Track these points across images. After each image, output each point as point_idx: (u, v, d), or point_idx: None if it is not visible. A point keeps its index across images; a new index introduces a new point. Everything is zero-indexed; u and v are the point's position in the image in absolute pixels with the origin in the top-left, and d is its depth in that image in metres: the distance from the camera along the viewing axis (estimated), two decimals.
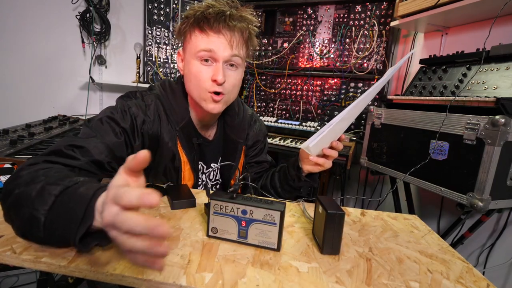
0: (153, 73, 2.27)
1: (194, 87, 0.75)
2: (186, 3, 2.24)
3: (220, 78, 0.71)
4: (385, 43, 1.87)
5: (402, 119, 1.24)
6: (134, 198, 0.32)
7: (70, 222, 0.40)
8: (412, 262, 0.54)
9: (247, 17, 0.75)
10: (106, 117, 0.69)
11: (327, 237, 0.53)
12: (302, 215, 0.71)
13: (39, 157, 0.57)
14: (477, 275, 0.52)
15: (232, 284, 0.42)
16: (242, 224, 0.53)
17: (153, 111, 0.78)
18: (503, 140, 0.89)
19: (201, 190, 0.82)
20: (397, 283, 0.47)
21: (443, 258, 0.57)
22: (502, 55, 1.08)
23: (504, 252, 1.29)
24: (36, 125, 1.56)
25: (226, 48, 0.72)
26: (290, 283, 0.44)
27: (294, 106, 2.19)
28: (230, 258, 0.49)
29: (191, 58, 0.74)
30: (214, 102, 0.75)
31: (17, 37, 1.99)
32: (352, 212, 0.77)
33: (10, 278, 1.67)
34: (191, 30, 0.73)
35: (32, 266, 0.44)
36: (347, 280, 0.47)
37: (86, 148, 0.61)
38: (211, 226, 0.55)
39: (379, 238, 0.63)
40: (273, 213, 0.51)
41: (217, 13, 0.70)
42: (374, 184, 2.04)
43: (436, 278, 0.50)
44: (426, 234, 0.68)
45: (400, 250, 0.59)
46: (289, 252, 0.53)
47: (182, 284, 0.41)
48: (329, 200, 0.56)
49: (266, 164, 1.03)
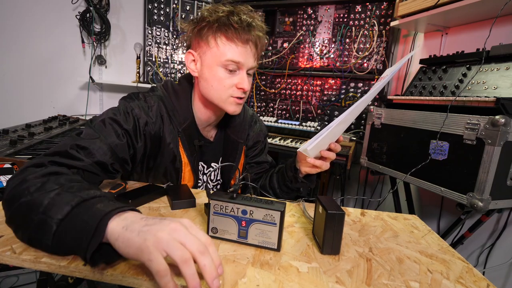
0: (153, 73, 2.27)
1: (216, 91, 0.77)
2: (186, 3, 2.24)
3: (246, 86, 0.75)
4: (385, 43, 1.87)
5: (402, 119, 1.24)
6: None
7: (82, 235, 0.41)
8: (412, 262, 0.54)
9: (263, 26, 0.78)
10: (108, 119, 0.69)
11: (327, 237, 0.53)
12: (302, 215, 0.71)
13: (43, 157, 0.57)
14: (477, 275, 0.52)
15: (232, 284, 0.42)
16: (242, 224, 0.53)
17: (155, 112, 0.78)
18: (503, 140, 0.89)
19: (201, 190, 0.83)
20: (397, 283, 0.47)
21: (443, 258, 0.57)
22: (502, 55, 1.08)
23: (504, 252, 1.29)
24: (36, 125, 1.56)
25: (251, 58, 0.75)
26: (290, 283, 0.44)
27: (294, 106, 2.19)
28: (230, 258, 0.49)
29: (216, 64, 0.74)
30: (237, 105, 0.79)
31: (17, 37, 1.99)
32: (352, 212, 0.77)
33: (10, 278, 1.67)
34: (216, 36, 0.73)
35: (32, 266, 0.44)
36: (347, 280, 0.47)
37: (90, 149, 0.62)
38: (211, 226, 0.55)
39: (379, 238, 0.63)
40: (273, 213, 0.51)
41: (246, 24, 0.72)
42: (374, 184, 2.04)
43: (436, 278, 0.50)
44: (426, 234, 0.68)
45: (400, 250, 0.59)
46: (289, 252, 0.53)
47: (182, 284, 0.41)
48: (329, 200, 0.56)
49: (266, 165, 1.03)
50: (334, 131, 0.69)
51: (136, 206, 0.66)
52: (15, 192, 0.48)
